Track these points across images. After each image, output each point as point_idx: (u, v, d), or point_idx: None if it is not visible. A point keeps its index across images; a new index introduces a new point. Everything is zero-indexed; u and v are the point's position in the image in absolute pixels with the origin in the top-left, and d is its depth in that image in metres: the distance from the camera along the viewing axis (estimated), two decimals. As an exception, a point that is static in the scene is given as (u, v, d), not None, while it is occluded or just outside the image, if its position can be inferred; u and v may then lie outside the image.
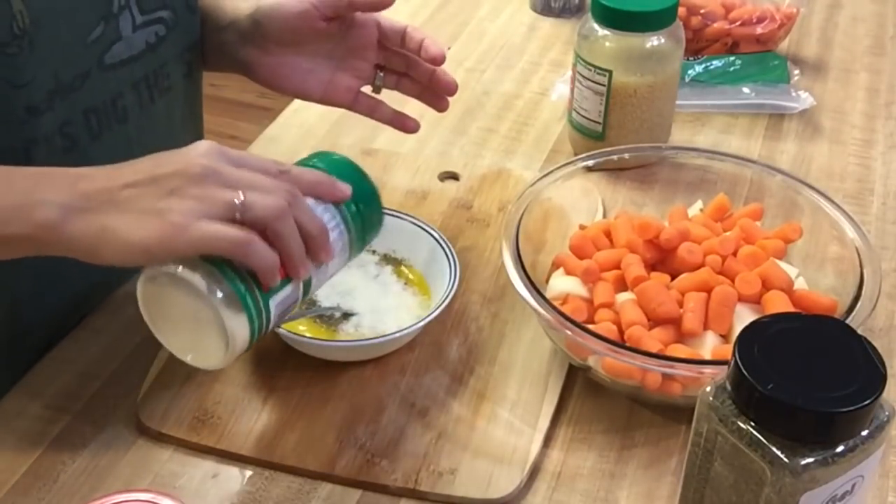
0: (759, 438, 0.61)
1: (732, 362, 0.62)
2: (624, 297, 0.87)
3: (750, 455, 0.61)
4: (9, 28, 0.76)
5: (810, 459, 0.60)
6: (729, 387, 0.62)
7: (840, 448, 0.60)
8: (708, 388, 0.64)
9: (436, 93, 0.99)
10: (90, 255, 0.71)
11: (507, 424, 0.83)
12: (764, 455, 0.61)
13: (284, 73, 0.97)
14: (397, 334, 0.86)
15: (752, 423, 0.61)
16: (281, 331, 0.85)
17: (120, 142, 0.90)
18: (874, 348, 0.62)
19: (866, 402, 0.59)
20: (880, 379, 0.60)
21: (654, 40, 1.06)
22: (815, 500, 0.61)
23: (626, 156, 1.02)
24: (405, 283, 0.93)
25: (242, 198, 0.70)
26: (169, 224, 0.68)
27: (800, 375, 0.60)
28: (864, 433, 0.61)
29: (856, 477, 0.62)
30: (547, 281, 0.92)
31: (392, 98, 1.25)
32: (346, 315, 0.90)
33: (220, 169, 0.71)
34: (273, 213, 0.71)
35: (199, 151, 0.72)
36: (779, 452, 0.60)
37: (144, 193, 0.70)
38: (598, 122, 1.09)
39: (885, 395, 0.60)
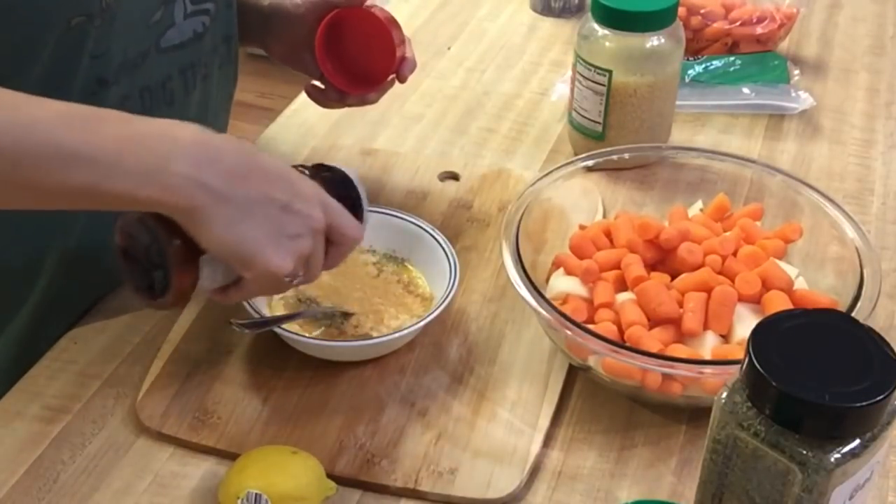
0: (783, 439, 0.60)
1: (748, 364, 0.61)
2: (624, 297, 0.87)
3: (774, 456, 0.61)
4: (98, 1, 0.82)
5: (839, 455, 0.60)
6: (745, 389, 0.62)
7: (864, 438, 0.60)
8: (723, 394, 0.63)
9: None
10: (201, 235, 0.73)
11: (507, 424, 0.83)
12: (792, 456, 0.60)
13: (293, 58, 1.04)
14: (397, 334, 0.86)
15: (775, 425, 0.61)
16: (281, 331, 0.85)
17: None
18: (882, 338, 0.62)
19: (888, 393, 0.59)
20: (895, 367, 0.60)
21: (654, 40, 1.06)
22: (843, 493, 0.61)
23: (626, 156, 1.02)
24: (405, 283, 0.94)
25: (317, 275, 0.80)
26: (278, 266, 0.74)
27: (817, 372, 0.60)
28: (884, 421, 0.61)
29: (875, 463, 0.62)
30: (547, 281, 0.92)
31: (392, 97, 1.25)
32: (346, 315, 0.90)
33: (322, 241, 0.78)
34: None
35: (318, 204, 0.77)
36: (807, 452, 0.60)
37: (273, 218, 0.74)
38: (598, 122, 1.09)
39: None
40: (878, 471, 0.64)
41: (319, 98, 1.03)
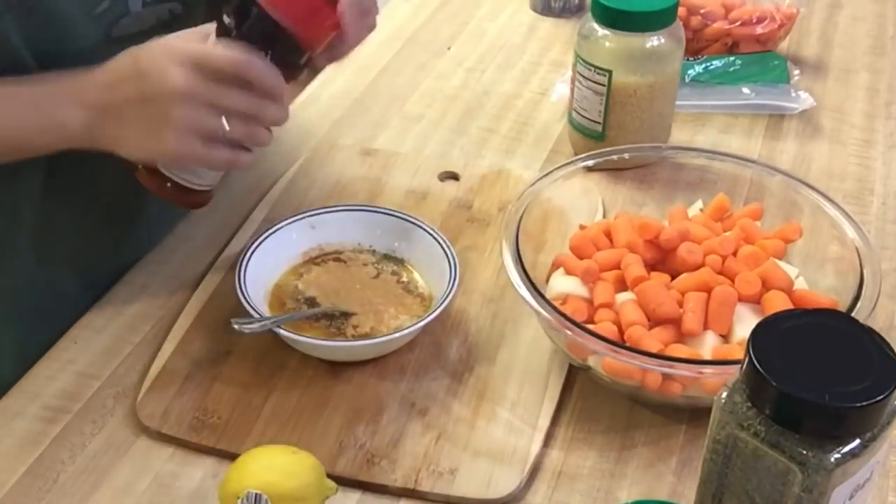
0: (783, 439, 0.60)
1: (748, 364, 0.61)
2: (624, 297, 0.87)
3: (774, 456, 0.61)
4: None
5: (839, 455, 0.59)
6: (746, 389, 0.62)
7: (864, 438, 0.60)
8: (723, 394, 0.63)
9: None
10: (118, 153, 0.84)
11: (507, 424, 0.83)
12: (792, 456, 0.60)
13: None
14: (397, 334, 0.86)
15: (775, 424, 0.60)
16: (281, 331, 0.85)
17: None
18: (882, 338, 0.62)
19: (888, 393, 0.59)
20: (895, 367, 0.60)
21: (654, 40, 1.06)
22: (843, 493, 0.61)
23: (626, 156, 1.02)
24: (405, 283, 0.94)
25: (227, 128, 0.82)
26: (172, 150, 0.82)
27: (817, 372, 0.60)
28: (884, 421, 0.61)
29: (875, 463, 0.62)
30: (547, 281, 0.92)
31: (392, 97, 1.25)
32: (346, 315, 0.90)
33: (199, 91, 0.80)
34: (249, 137, 0.85)
35: (175, 69, 0.80)
36: (807, 452, 0.60)
37: (142, 115, 0.81)
38: (598, 122, 1.09)
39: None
40: (878, 471, 0.64)
41: None
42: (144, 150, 0.83)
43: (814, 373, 0.60)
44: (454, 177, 1.10)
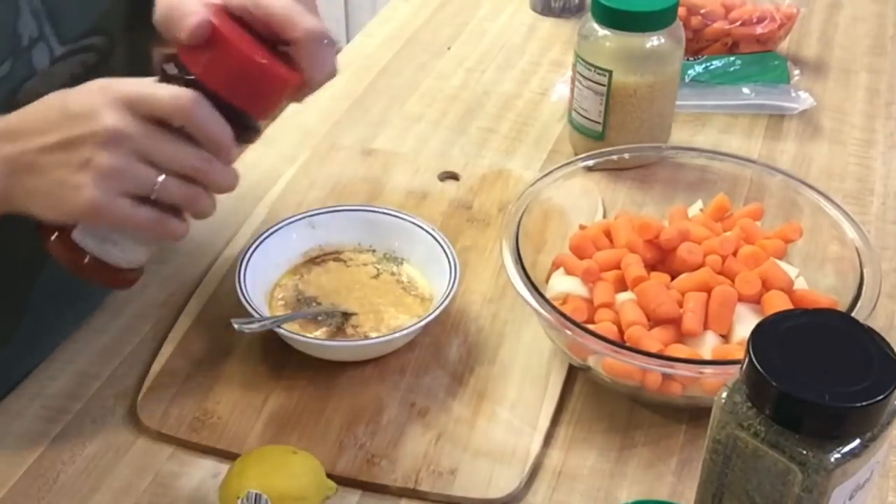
0: (783, 439, 0.60)
1: (748, 364, 0.61)
2: (624, 297, 0.87)
3: (774, 456, 0.61)
4: None
5: (839, 455, 0.59)
6: (746, 389, 0.62)
7: (864, 438, 0.60)
8: (723, 394, 0.63)
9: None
10: (32, 214, 0.72)
11: (507, 424, 0.83)
12: (792, 456, 0.60)
13: None
14: (397, 334, 0.86)
15: (775, 424, 0.60)
16: (281, 331, 0.85)
17: None
18: (882, 338, 0.62)
19: (888, 393, 0.59)
20: (895, 367, 0.60)
21: (654, 40, 1.06)
22: (843, 493, 0.61)
23: (626, 156, 1.02)
24: (405, 283, 0.94)
25: (160, 181, 0.71)
26: (89, 200, 0.69)
27: (817, 371, 0.60)
28: (884, 421, 0.61)
29: (875, 463, 0.62)
30: (547, 281, 0.92)
31: (392, 97, 1.25)
32: (346, 315, 0.90)
33: (132, 134, 0.69)
34: (186, 199, 0.73)
35: (107, 109, 0.69)
36: (807, 452, 0.60)
37: (61, 162, 0.69)
38: (598, 122, 1.09)
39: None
40: (878, 471, 0.64)
41: None
42: (57, 204, 0.70)
43: (814, 373, 0.60)
44: (454, 177, 1.10)
